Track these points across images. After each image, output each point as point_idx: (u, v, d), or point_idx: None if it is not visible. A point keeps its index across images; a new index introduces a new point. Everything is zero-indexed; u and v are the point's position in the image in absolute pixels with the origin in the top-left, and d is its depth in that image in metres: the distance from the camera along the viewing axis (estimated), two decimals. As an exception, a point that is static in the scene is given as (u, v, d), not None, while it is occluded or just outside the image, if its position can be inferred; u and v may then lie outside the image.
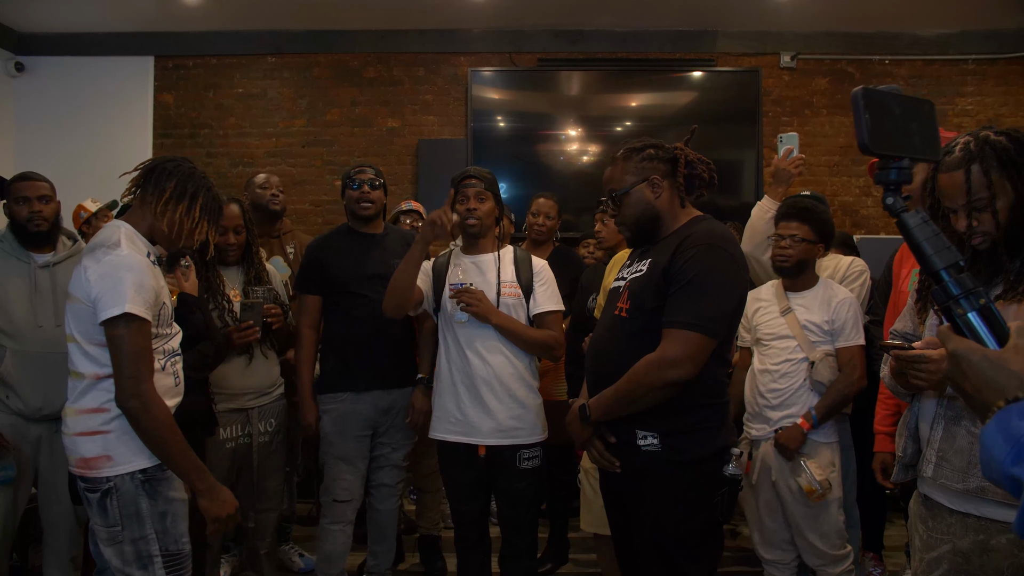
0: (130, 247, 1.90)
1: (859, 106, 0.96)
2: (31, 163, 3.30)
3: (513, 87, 5.42)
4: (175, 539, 1.92)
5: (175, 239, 2.04)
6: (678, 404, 1.86)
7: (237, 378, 2.80)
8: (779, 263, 2.60)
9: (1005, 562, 1.47)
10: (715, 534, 1.96)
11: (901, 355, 1.50)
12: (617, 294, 2.02)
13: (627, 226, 2.04)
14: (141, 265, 1.87)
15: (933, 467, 1.57)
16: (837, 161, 5.40)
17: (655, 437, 1.88)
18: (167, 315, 1.99)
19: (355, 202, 2.88)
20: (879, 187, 1.01)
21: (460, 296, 2.44)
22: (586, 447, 2.03)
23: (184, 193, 2.01)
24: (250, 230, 2.92)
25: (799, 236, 2.56)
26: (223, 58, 5.43)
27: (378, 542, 2.97)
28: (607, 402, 1.92)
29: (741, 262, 1.95)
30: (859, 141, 0.96)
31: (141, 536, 1.87)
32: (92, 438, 1.88)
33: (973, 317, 0.89)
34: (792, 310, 2.60)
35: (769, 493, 2.61)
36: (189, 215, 2.01)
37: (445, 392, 2.55)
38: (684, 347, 1.81)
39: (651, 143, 2.04)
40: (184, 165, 2.07)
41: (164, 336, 1.99)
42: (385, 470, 2.93)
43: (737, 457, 1.89)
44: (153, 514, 1.89)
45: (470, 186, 2.57)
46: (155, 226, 2.00)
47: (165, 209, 1.98)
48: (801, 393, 2.55)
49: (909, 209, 0.96)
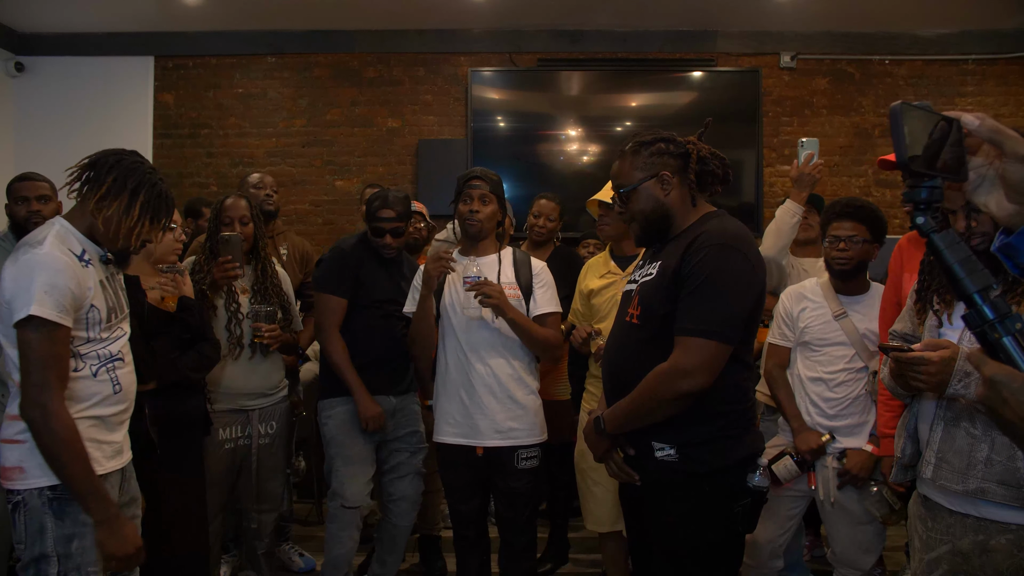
0: (55, 246, 1.76)
1: (898, 122, 0.91)
2: (31, 163, 3.30)
3: (513, 87, 5.42)
4: (78, 567, 1.76)
5: (112, 238, 1.87)
6: (695, 414, 1.76)
7: (238, 379, 2.80)
8: (839, 266, 2.48)
9: (1004, 563, 1.47)
10: (734, 546, 1.87)
11: (900, 357, 1.49)
12: (628, 299, 1.93)
13: (637, 223, 1.92)
14: (58, 264, 1.73)
15: (932, 468, 1.57)
16: (837, 161, 5.40)
17: (672, 448, 1.79)
18: (97, 318, 1.84)
19: (381, 246, 2.86)
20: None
21: (479, 288, 2.38)
22: (604, 460, 1.95)
23: (123, 188, 1.84)
24: (257, 225, 2.91)
25: (857, 237, 2.46)
26: (223, 58, 5.43)
27: (388, 552, 2.96)
28: (621, 415, 1.84)
29: (756, 261, 1.81)
30: (898, 158, 0.91)
31: (42, 555, 1.75)
32: (9, 446, 1.79)
33: (1008, 342, 0.86)
34: (847, 315, 2.49)
35: (786, 504, 2.53)
36: (128, 213, 1.84)
37: (447, 395, 2.55)
38: (697, 356, 1.70)
39: (662, 136, 1.90)
40: (128, 158, 1.90)
41: (98, 340, 1.86)
42: (407, 479, 2.90)
43: (764, 468, 1.79)
44: (58, 535, 1.75)
45: (475, 187, 2.56)
46: (93, 224, 1.85)
47: (101, 205, 1.83)
48: (859, 403, 2.46)
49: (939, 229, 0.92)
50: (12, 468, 1.78)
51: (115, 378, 1.89)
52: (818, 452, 2.47)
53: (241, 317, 2.78)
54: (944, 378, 1.43)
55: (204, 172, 5.42)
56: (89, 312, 1.81)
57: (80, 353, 1.82)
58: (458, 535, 2.64)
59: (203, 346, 2.53)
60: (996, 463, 1.47)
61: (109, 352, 1.88)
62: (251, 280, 2.87)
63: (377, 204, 2.85)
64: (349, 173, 5.35)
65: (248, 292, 2.85)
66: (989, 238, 1.47)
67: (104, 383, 1.86)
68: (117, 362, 1.91)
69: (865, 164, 5.37)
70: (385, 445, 2.89)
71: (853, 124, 5.41)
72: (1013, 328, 0.86)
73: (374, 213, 2.84)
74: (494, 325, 2.50)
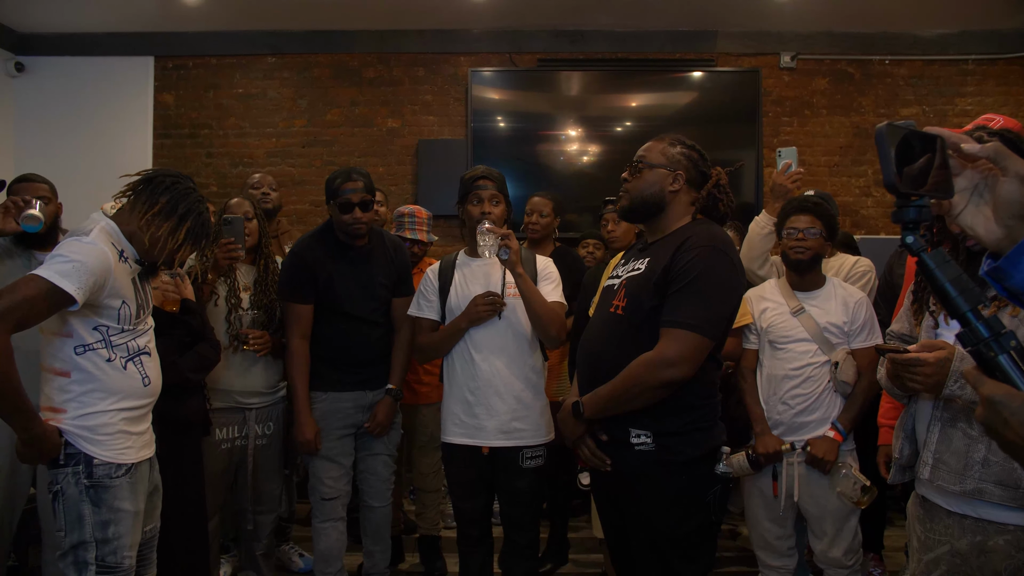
0: (99, 238, 1.88)
1: (884, 143, 0.92)
2: (31, 163, 3.31)
3: (513, 87, 5.42)
4: (114, 551, 1.88)
5: (155, 254, 1.99)
6: (673, 404, 1.87)
7: (235, 378, 2.81)
8: (796, 255, 2.55)
9: (1003, 563, 1.47)
10: (710, 534, 1.97)
11: (897, 358, 1.50)
12: (612, 292, 2.02)
13: (630, 196, 2.02)
14: (96, 251, 1.84)
15: (930, 469, 1.58)
16: (837, 161, 5.40)
17: (648, 436, 1.88)
18: (128, 314, 1.95)
19: (348, 226, 2.76)
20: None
21: (498, 231, 2.41)
22: (577, 445, 2.03)
23: (174, 212, 1.98)
24: (262, 223, 2.93)
25: (814, 229, 2.53)
26: (223, 58, 5.43)
27: (374, 542, 2.96)
28: (602, 400, 1.92)
29: (739, 267, 1.96)
30: (885, 180, 0.93)
31: (80, 542, 1.85)
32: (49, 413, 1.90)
33: (1005, 360, 0.85)
34: (806, 310, 2.55)
35: (786, 503, 2.55)
36: (173, 236, 1.98)
37: (452, 396, 2.56)
38: (682, 347, 1.81)
39: (698, 149, 2.05)
40: (183, 184, 2.04)
41: (130, 332, 1.96)
42: (378, 459, 2.90)
43: (726, 455, 1.91)
44: (95, 521, 1.86)
45: (484, 188, 2.57)
46: (137, 235, 1.97)
47: (151, 222, 1.96)
48: (826, 396, 2.52)
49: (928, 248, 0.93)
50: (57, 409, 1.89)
51: (143, 371, 2.00)
52: (774, 457, 2.53)
53: (242, 312, 2.80)
54: (940, 379, 1.43)
55: (204, 172, 5.42)
56: (121, 307, 1.92)
57: (112, 343, 1.92)
58: (462, 534, 2.65)
59: (202, 347, 2.54)
60: (993, 464, 1.47)
61: (137, 345, 1.99)
62: (253, 277, 2.89)
63: (340, 179, 2.77)
64: (349, 173, 5.34)
65: (251, 289, 2.87)
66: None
67: (133, 376, 1.96)
68: (144, 356, 2.01)
69: (865, 164, 5.37)
70: (359, 431, 2.88)
71: (853, 124, 5.41)
72: (1008, 346, 0.85)
73: (338, 188, 2.75)
74: (499, 321, 2.50)
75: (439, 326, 2.60)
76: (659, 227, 2.01)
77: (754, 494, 2.63)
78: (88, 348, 1.89)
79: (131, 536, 1.92)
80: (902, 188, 0.92)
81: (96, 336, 1.91)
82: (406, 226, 3.48)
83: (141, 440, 2.00)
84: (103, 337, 1.92)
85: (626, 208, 2.06)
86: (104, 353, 1.91)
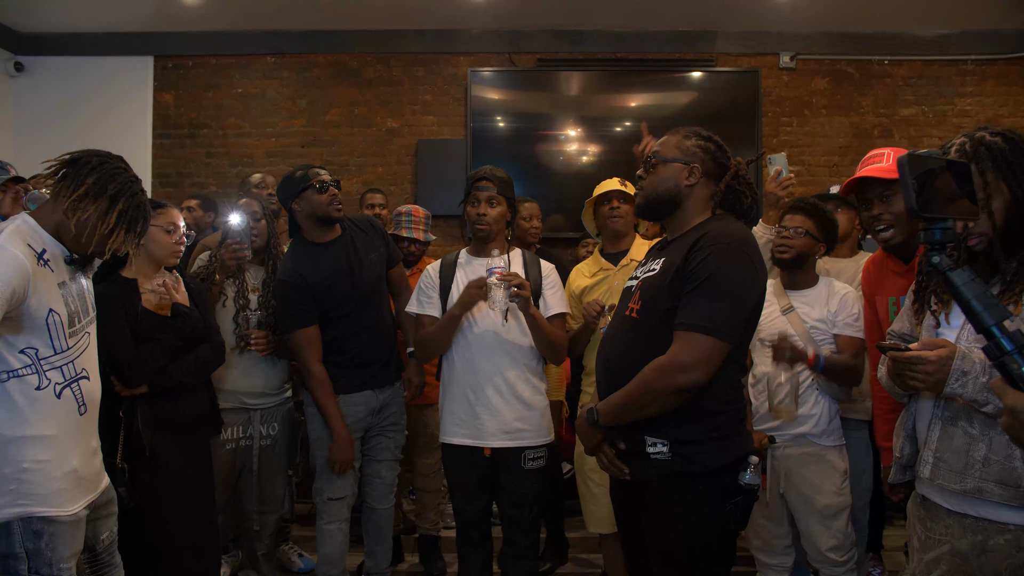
0: (11, 241, 1.69)
1: (905, 172, 0.99)
2: (30, 163, 3.28)
3: (513, 87, 5.42)
4: (49, 563, 1.73)
5: (83, 242, 1.80)
6: (691, 411, 1.78)
7: (240, 379, 2.81)
8: (779, 254, 2.55)
9: (1003, 563, 1.47)
10: (727, 544, 1.89)
11: (898, 356, 1.49)
12: (629, 294, 1.96)
13: (644, 193, 1.95)
14: (7, 258, 1.65)
15: (930, 468, 1.57)
16: (837, 161, 5.40)
17: (665, 445, 1.79)
18: (58, 322, 1.74)
19: (327, 205, 2.71)
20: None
21: (511, 279, 2.35)
22: (595, 453, 1.96)
23: (103, 193, 1.78)
24: (270, 224, 2.93)
25: (803, 229, 2.54)
26: (223, 58, 5.43)
27: (376, 542, 2.96)
28: (616, 407, 1.84)
29: (759, 263, 1.83)
30: (907, 206, 1.01)
31: (10, 553, 1.70)
32: None
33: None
34: (794, 309, 2.56)
35: (775, 500, 2.57)
36: (104, 220, 1.78)
37: (453, 396, 2.55)
38: (696, 351, 1.72)
39: (717, 141, 1.95)
40: (112, 163, 1.84)
41: (64, 352, 1.76)
42: (383, 464, 2.90)
43: (755, 465, 1.81)
44: (25, 531, 1.71)
45: (483, 189, 2.56)
46: (63, 223, 1.77)
47: (76, 206, 1.76)
48: (809, 393, 2.51)
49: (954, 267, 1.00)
50: None
51: (80, 397, 1.82)
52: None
53: (249, 313, 2.80)
54: (942, 377, 1.43)
55: (203, 172, 5.41)
56: (49, 316, 1.73)
57: (43, 369, 1.73)
58: (462, 535, 2.64)
59: (203, 349, 2.52)
60: (994, 462, 1.47)
61: (75, 369, 1.81)
62: (262, 278, 2.89)
63: (300, 171, 2.75)
64: (349, 173, 5.34)
65: (259, 290, 2.87)
66: (987, 238, 1.48)
67: (68, 403, 1.79)
68: (83, 380, 1.83)
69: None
70: (367, 435, 2.88)
71: (853, 124, 5.41)
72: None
73: (304, 176, 2.72)
74: (505, 324, 2.49)
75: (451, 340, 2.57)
76: (677, 224, 1.93)
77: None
78: (13, 375, 1.70)
79: (65, 548, 1.76)
80: (923, 213, 0.99)
81: (22, 360, 1.71)
82: (403, 225, 3.47)
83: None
84: (32, 362, 1.72)
85: (642, 206, 1.99)
86: (33, 380, 1.72)
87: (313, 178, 2.71)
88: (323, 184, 2.71)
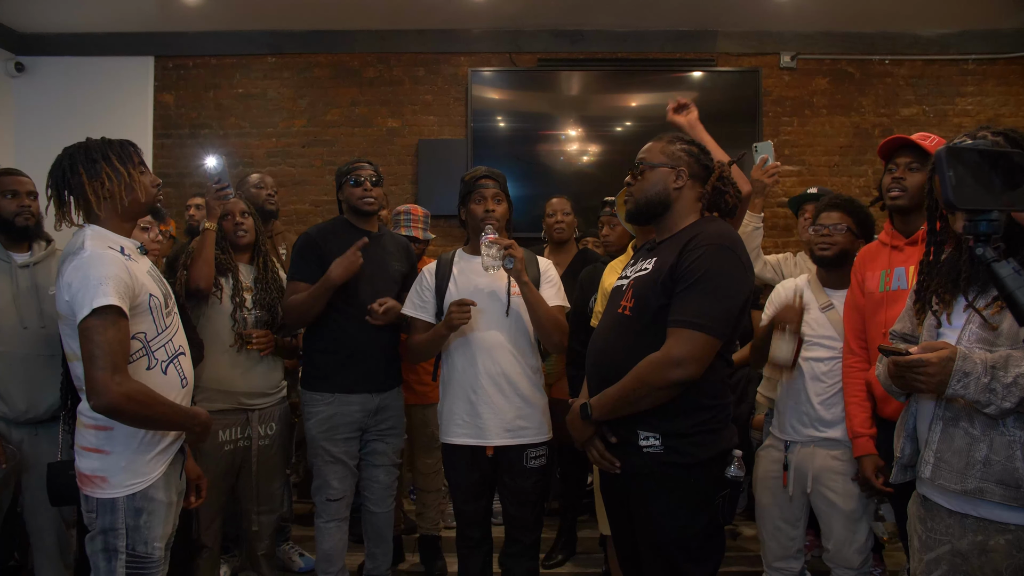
0: (96, 245, 1.83)
1: (943, 165, 0.98)
2: (31, 163, 3.29)
3: (513, 87, 5.42)
4: (145, 540, 1.84)
5: (131, 205, 1.93)
6: (681, 405, 1.84)
7: (239, 379, 2.80)
8: (821, 252, 2.53)
9: (1003, 563, 1.47)
10: (717, 536, 1.94)
11: (900, 361, 1.49)
12: (620, 293, 2.01)
13: (634, 199, 2.03)
14: (106, 258, 1.80)
15: (931, 468, 1.57)
16: (837, 161, 5.40)
17: (657, 438, 1.86)
18: (158, 304, 1.90)
19: (358, 199, 2.85)
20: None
21: (501, 242, 2.41)
22: (586, 447, 2.01)
23: (95, 164, 1.90)
24: (257, 221, 2.95)
25: (843, 225, 2.51)
26: (223, 58, 5.43)
27: (375, 544, 2.96)
28: (609, 401, 1.90)
29: (748, 264, 1.92)
30: (944, 199, 0.99)
31: (111, 528, 1.82)
32: (89, 455, 1.84)
33: None
34: (833, 306, 2.53)
35: (799, 501, 2.53)
36: (116, 175, 1.90)
37: (453, 396, 2.55)
38: (689, 347, 1.79)
39: (698, 144, 2.07)
40: (69, 149, 1.95)
41: (164, 331, 1.90)
42: (381, 468, 2.91)
43: (739, 459, 1.88)
44: (128, 508, 1.83)
45: (487, 187, 2.59)
46: (109, 218, 1.91)
47: (99, 194, 1.89)
48: (841, 397, 2.47)
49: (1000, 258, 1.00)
50: (93, 477, 1.83)
51: (182, 371, 1.96)
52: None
53: (246, 312, 2.80)
54: (943, 379, 1.43)
55: (203, 172, 5.41)
56: (150, 301, 1.87)
57: (152, 349, 1.88)
58: (462, 535, 2.64)
59: None
60: (995, 463, 1.47)
61: (174, 346, 1.95)
62: (253, 276, 2.89)
63: (348, 165, 2.91)
64: (349, 173, 5.34)
65: (252, 289, 2.87)
66: None
67: (173, 379, 1.93)
68: (181, 356, 1.98)
69: (865, 164, 5.37)
70: (364, 436, 2.88)
71: (853, 124, 5.41)
72: None
73: (348, 170, 2.88)
74: (507, 315, 2.51)
75: (431, 327, 2.59)
76: (667, 226, 2.00)
77: (767, 494, 2.61)
78: (129, 360, 1.82)
79: (163, 527, 1.88)
80: (959, 205, 0.98)
81: (135, 345, 1.85)
82: (402, 223, 3.48)
83: (173, 435, 1.96)
84: (142, 345, 1.86)
85: (632, 212, 2.06)
86: (144, 362, 1.86)
87: (352, 172, 2.88)
88: (358, 178, 2.86)
